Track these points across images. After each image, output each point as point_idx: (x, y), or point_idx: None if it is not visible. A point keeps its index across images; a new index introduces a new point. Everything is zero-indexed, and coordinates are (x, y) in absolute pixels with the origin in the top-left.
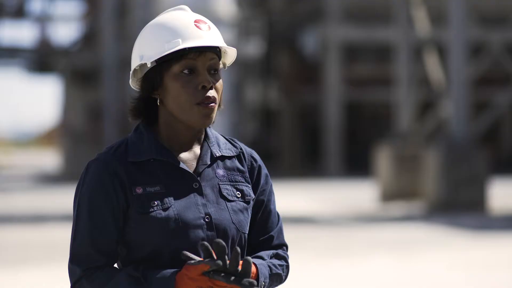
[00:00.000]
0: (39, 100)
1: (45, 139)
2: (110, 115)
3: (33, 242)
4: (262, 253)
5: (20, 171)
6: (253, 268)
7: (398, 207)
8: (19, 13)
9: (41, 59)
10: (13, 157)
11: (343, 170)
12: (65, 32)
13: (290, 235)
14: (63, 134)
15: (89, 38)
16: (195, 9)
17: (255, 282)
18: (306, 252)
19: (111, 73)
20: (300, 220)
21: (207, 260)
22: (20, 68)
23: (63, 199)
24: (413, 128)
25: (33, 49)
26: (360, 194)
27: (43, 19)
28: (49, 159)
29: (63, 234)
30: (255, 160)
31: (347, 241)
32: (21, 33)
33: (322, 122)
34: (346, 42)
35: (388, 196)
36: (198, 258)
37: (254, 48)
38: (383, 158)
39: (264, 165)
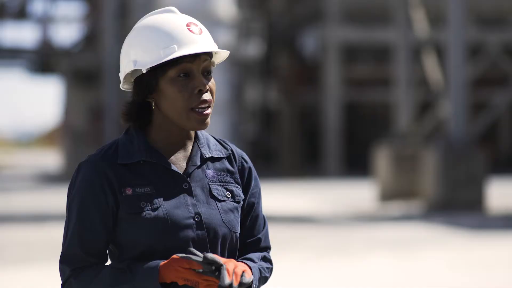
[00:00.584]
0: (40, 100)
1: (47, 139)
2: (111, 115)
3: (35, 242)
4: (251, 255)
5: (22, 171)
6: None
7: (397, 207)
8: (21, 14)
9: (43, 60)
10: (15, 157)
11: (342, 170)
12: (67, 33)
13: (289, 234)
14: (64, 134)
15: (90, 39)
16: (195, 10)
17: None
18: (306, 251)
19: (112, 73)
20: (300, 220)
21: (195, 257)
22: (22, 69)
23: (64, 199)
24: (412, 128)
25: (35, 50)
26: (359, 193)
27: (45, 20)
28: (51, 159)
29: None
30: (246, 162)
31: (347, 240)
32: (23, 34)
33: (322, 122)
34: (345, 43)
35: (387, 195)
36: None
37: (254, 49)
38: (382, 158)
39: (254, 167)
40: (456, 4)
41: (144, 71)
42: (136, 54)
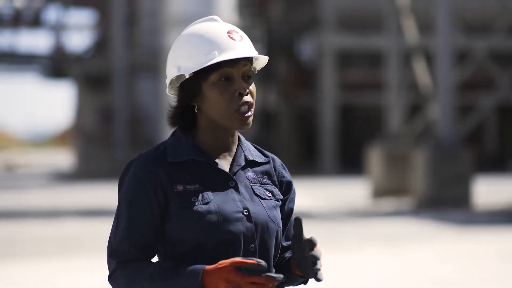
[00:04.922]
0: (54, 103)
1: (60, 140)
2: (120, 117)
3: (48, 237)
4: None
5: (36, 170)
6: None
7: (389, 203)
8: (36, 22)
9: (56, 65)
10: (30, 156)
11: (337, 169)
12: (79, 40)
13: None
14: (76, 135)
15: (100, 46)
16: (196, 19)
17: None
18: None
19: (121, 78)
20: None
21: (247, 259)
22: (37, 74)
23: (76, 196)
24: (402, 130)
25: (49, 56)
26: (353, 191)
27: (58, 28)
28: (63, 159)
29: (76, 229)
30: (285, 169)
31: (341, 235)
32: (38, 41)
33: (318, 124)
34: (340, 49)
35: (379, 193)
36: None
37: None
38: (375, 158)
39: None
40: (444, 12)
41: (187, 76)
42: (180, 61)
